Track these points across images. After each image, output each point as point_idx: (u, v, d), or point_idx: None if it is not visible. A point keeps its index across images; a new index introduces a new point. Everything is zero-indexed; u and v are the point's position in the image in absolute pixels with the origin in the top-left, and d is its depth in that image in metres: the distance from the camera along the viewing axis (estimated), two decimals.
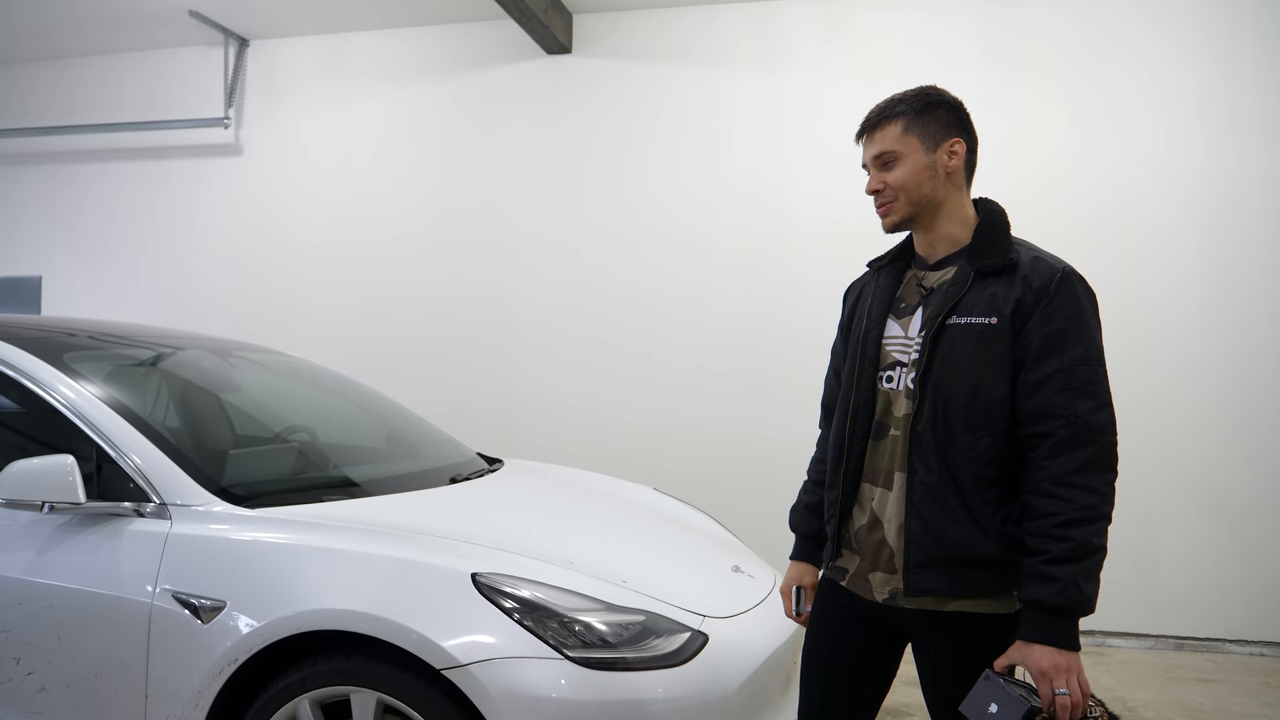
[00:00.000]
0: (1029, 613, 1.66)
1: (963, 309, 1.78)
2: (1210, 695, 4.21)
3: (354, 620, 2.15)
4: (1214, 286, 5.04)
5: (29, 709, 2.39)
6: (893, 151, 1.86)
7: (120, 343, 3.32)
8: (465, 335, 6.09)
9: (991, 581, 1.74)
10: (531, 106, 6.04)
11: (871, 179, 1.90)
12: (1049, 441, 1.68)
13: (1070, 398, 1.68)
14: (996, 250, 1.80)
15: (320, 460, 3.37)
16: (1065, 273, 1.75)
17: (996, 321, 1.74)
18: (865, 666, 1.96)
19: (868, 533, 1.87)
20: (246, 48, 6.64)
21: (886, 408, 1.87)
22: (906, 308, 1.90)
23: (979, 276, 1.79)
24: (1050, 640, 1.62)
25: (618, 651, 2.17)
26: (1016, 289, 1.74)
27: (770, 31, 5.66)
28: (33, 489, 2.37)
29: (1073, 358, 1.70)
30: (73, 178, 6.99)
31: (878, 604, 1.86)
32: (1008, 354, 1.73)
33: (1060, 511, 1.64)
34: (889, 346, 1.89)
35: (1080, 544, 1.63)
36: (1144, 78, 5.15)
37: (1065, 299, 1.73)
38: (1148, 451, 5.04)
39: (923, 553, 1.76)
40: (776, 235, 5.54)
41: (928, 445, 1.77)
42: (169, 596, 2.30)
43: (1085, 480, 1.65)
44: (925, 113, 1.86)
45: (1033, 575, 1.65)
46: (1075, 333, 1.72)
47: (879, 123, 1.88)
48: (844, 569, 1.94)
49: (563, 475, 3.77)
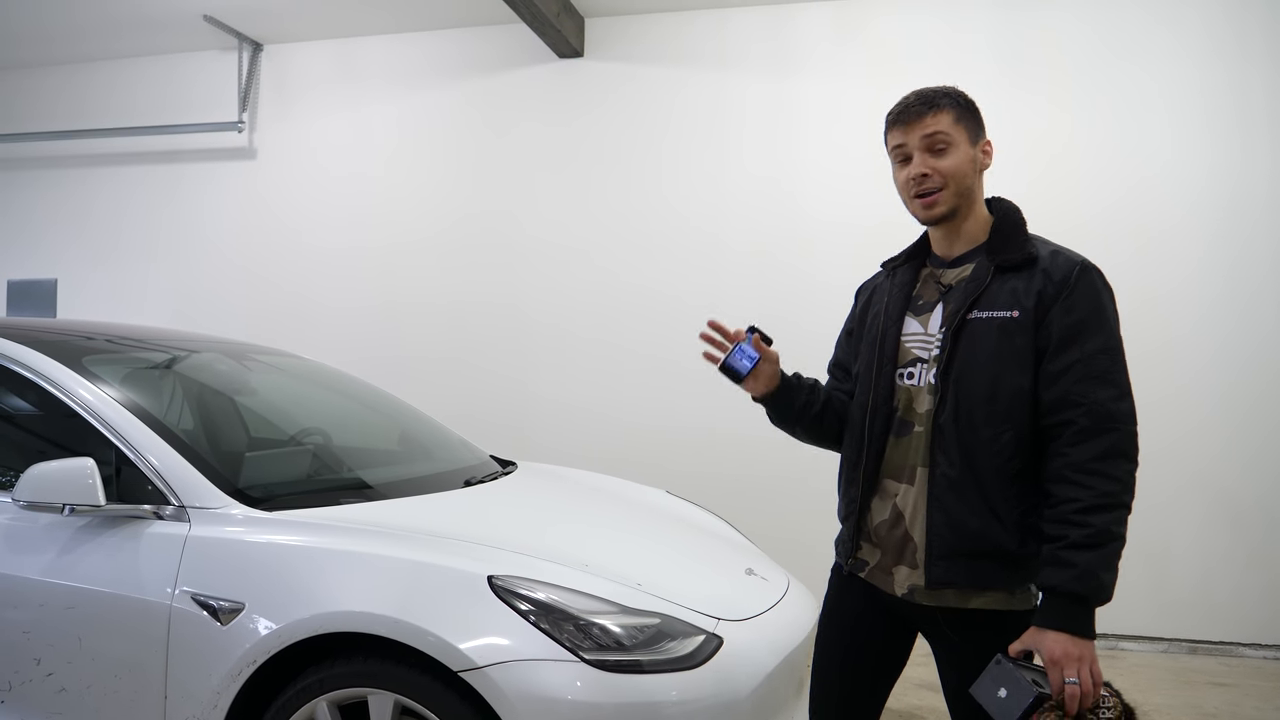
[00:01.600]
0: (1046, 599, 1.66)
1: (984, 303, 1.79)
2: (1224, 699, 4.19)
3: (371, 622, 2.16)
4: (1222, 286, 5.04)
5: (49, 709, 2.40)
6: (947, 135, 1.83)
7: (137, 346, 3.34)
8: (478, 339, 6.11)
9: (1008, 574, 1.75)
10: (544, 110, 6.06)
11: (918, 162, 1.85)
12: (1070, 430, 1.69)
13: (1091, 386, 1.69)
14: (1015, 245, 1.82)
15: (335, 463, 3.39)
16: (1084, 265, 1.77)
17: (1018, 315, 1.75)
18: (881, 656, 1.98)
19: (890, 528, 1.88)
20: (261, 52, 6.68)
21: (909, 404, 1.88)
22: (925, 305, 1.91)
23: (999, 271, 1.80)
24: (1064, 627, 1.62)
25: (633, 654, 2.17)
26: (1038, 282, 1.76)
27: (783, 35, 5.66)
28: (53, 491, 2.39)
29: (1093, 348, 1.71)
30: (87, 181, 7.05)
31: (897, 598, 1.87)
32: (1030, 346, 1.74)
33: (1080, 498, 1.64)
34: (908, 344, 1.90)
35: (1099, 530, 1.63)
36: (1152, 81, 5.15)
37: (1085, 291, 1.75)
38: (1158, 451, 5.00)
39: (944, 545, 1.78)
40: (789, 238, 5.54)
41: (950, 439, 1.78)
42: (188, 598, 2.31)
43: (1105, 468, 1.66)
44: (969, 108, 1.88)
45: (1051, 561, 1.65)
46: (1095, 323, 1.73)
47: (930, 108, 1.84)
48: (865, 561, 1.95)
49: (576, 478, 3.77)
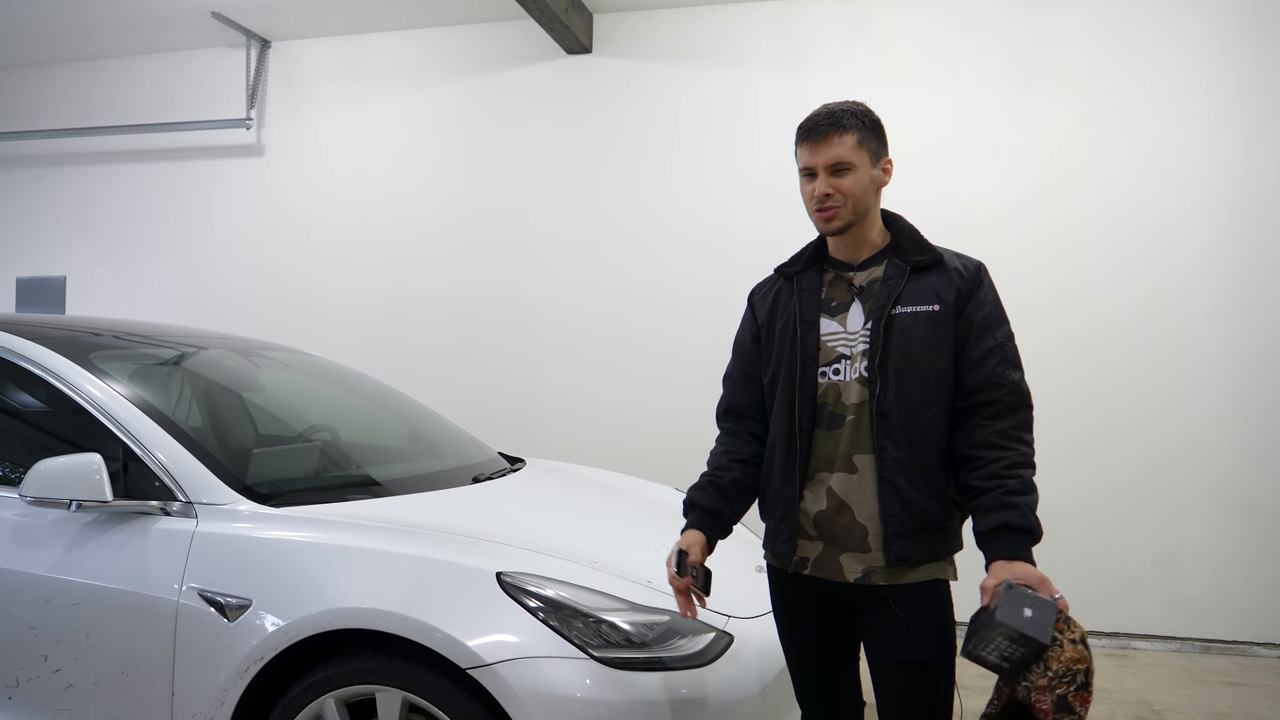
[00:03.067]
0: (999, 536, 1.84)
1: (905, 299, 1.97)
2: (1238, 699, 4.16)
3: (379, 619, 2.15)
4: (1231, 281, 5.01)
5: (56, 706, 2.40)
6: (849, 162, 1.98)
7: (145, 342, 3.34)
8: (486, 336, 6.09)
9: (942, 544, 1.95)
10: (552, 106, 6.04)
11: (822, 183, 1.99)
12: (995, 407, 1.92)
13: (1008, 369, 1.94)
14: (921, 249, 2.03)
15: (343, 459, 3.38)
16: (983, 265, 2.04)
17: (939, 308, 1.95)
18: (841, 641, 2.08)
19: (833, 517, 1.97)
20: (268, 49, 6.67)
21: (837, 398, 1.99)
22: (839, 305, 2.05)
23: (914, 271, 1.99)
24: (1024, 557, 1.82)
25: (643, 651, 2.16)
26: (955, 280, 1.98)
27: (793, 31, 5.63)
28: (60, 487, 2.38)
29: (1002, 335, 1.97)
30: (95, 178, 7.05)
31: (846, 585, 1.96)
32: (951, 335, 1.95)
33: (1007, 457, 1.88)
34: (830, 342, 2.02)
35: (1027, 481, 1.87)
36: (1161, 79, 5.12)
37: (988, 286, 2.01)
38: (1168, 447, 5.01)
39: (899, 524, 1.91)
40: (798, 234, 5.45)
41: (895, 424, 1.93)
42: (195, 595, 2.31)
43: (1022, 435, 1.92)
44: (872, 130, 2.02)
45: (994, 506, 1.85)
46: (999, 315, 1.99)
47: (834, 130, 1.98)
48: (805, 558, 2.02)
49: (585, 475, 3.76)
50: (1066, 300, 5.16)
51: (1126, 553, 4.97)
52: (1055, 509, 1.98)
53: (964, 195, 5.29)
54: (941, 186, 5.29)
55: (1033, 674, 1.71)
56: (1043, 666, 1.71)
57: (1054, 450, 4.10)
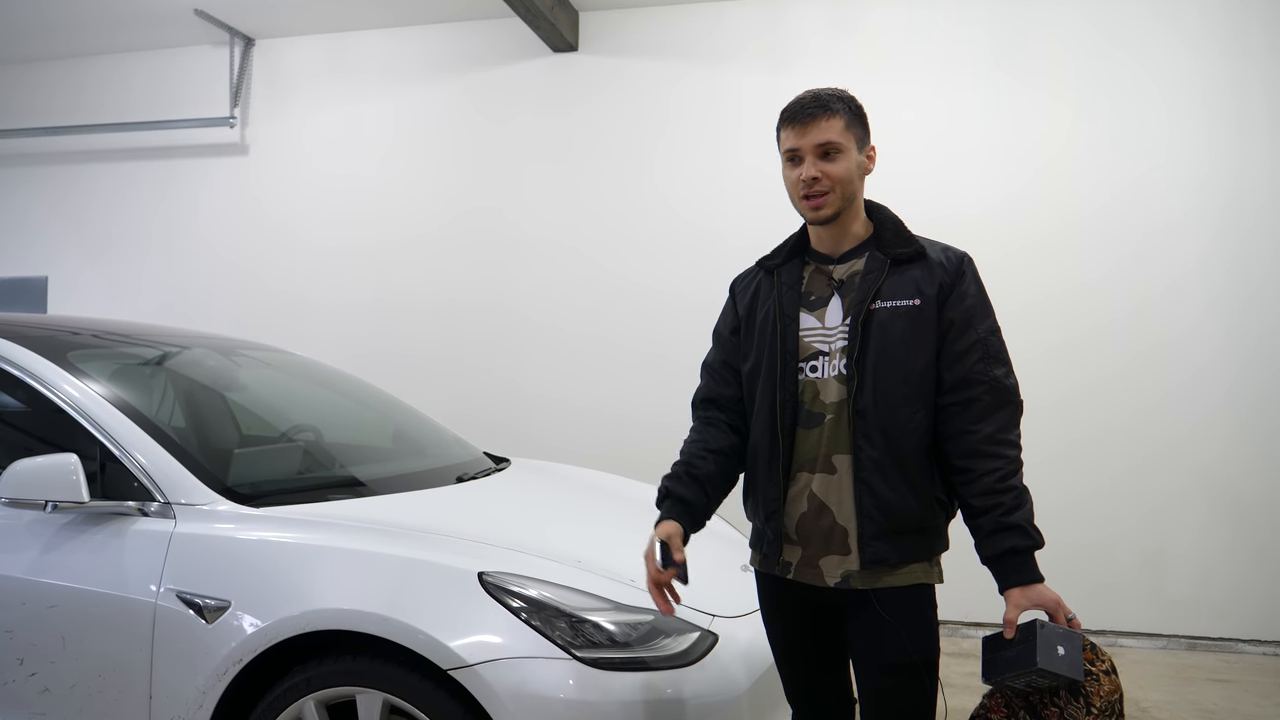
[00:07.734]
0: (1010, 561, 1.81)
1: (885, 294, 1.91)
2: (1224, 695, 4.17)
3: (360, 620, 2.13)
4: (1223, 282, 5.01)
5: (32, 710, 2.37)
6: (838, 144, 1.92)
7: (125, 341, 3.30)
8: (472, 335, 6.06)
9: (926, 546, 1.91)
10: (538, 105, 6.02)
11: (810, 166, 1.93)
12: (977, 406, 1.87)
13: (989, 365, 1.89)
14: (903, 241, 1.97)
15: (326, 459, 3.35)
16: (968, 256, 1.98)
17: (920, 303, 1.90)
18: (828, 643, 2.05)
19: (814, 519, 1.93)
20: (252, 47, 6.63)
21: (815, 396, 1.95)
22: (819, 300, 1.99)
23: (894, 264, 1.93)
24: (1035, 578, 1.81)
25: (626, 651, 2.14)
26: (938, 273, 1.92)
27: (778, 29, 5.62)
28: (36, 488, 2.35)
29: (985, 329, 1.91)
30: (78, 177, 6.98)
31: (827, 589, 1.93)
32: (932, 330, 1.90)
33: (998, 468, 1.83)
34: (808, 338, 1.97)
35: (1020, 490, 1.83)
36: (1151, 75, 5.12)
37: (972, 279, 1.95)
38: (1159, 448, 5.01)
39: (874, 525, 1.86)
40: (785, 231, 5.46)
41: (872, 422, 1.88)
42: (173, 596, 2.28)
43: (1009, 437, 1.87)
44: (857, 115, 1.98)
45: (995, 530, 1.82)
46: (983, 308, 1.93)
47: (821, 113, 1.93)
48: (789, 562, 1.98)
49: (570, 474, 3.74)
50: (1055, 301, 5.15)
51: (1115, 553, 4.97)
52: (1044, 512, 1.97)
53: (951, 195, 5.28)
54: (928, 187, 5.28)
55: (1071, 707, 1.73)
56: (1083, 702, 1.73)
57: (1043, 452, 4.10)
